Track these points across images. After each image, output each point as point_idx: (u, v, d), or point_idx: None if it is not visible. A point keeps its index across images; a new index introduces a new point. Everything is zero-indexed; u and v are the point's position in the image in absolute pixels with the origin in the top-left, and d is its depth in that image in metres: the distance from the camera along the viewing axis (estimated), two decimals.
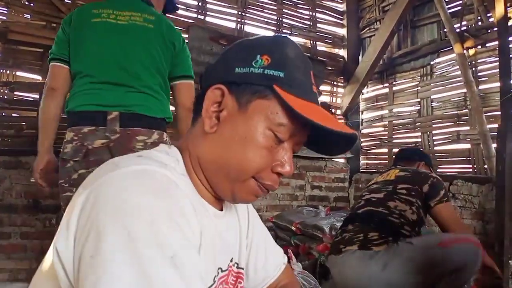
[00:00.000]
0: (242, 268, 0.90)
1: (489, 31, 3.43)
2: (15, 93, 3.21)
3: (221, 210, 0.83)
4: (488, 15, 3.42)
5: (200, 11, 4.00)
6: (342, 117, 4.81)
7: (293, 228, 3.44)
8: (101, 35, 1.80)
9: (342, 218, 3.35)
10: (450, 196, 2.13)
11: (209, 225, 0.74)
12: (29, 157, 3.00)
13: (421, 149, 3.23)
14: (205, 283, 0.69)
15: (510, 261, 2.79)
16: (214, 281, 0.74)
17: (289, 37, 0.80)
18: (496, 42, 3.20)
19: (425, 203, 2.13)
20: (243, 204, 0.99)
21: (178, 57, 1.99)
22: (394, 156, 2.76)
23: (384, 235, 1.95)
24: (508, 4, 3.11)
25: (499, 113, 3.04)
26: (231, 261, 0.85)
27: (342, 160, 4.73)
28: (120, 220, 0.53)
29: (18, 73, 3.26)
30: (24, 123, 3.16)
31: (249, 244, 0.97)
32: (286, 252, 2.57)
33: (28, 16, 3.20)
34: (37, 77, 3.29)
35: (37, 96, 3.24)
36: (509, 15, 3.13)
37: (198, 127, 0.78)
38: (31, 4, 3.19)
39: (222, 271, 0.78)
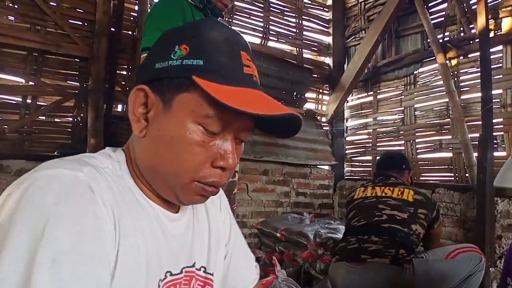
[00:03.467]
0: (211, 274, 0.85)
1: (471, 42, 3.50)
2: None
3: (177, 212, 0.80)
4: (470, 26, 3.49)
5: None
6: (327, 124, 4.85)
7: (278, 234, 3.44)
8: None
9: (326, 225, 3.37)
10: None
11: (153, 227, 0.72)
12: (11, 161, 2.94)
13: (403, 153, 3.31)
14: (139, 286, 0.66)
15: (490, 269, 2.83)
16: (159, 285, 0.71)
17: (214, 18, 0.76)
18: (478, 53, 3.28)
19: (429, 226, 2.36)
20: (224, 209, 0.97)
21: None
22: (379, 163, 2.73)
23: (410, 252, 2.07)
24: (490, 16, 3.19)
25: (481, 122, 3.10)
26: (193, 265, 0.81)
27: (327, 167, 4.75)
28: (19, 222, 0.54)
29: (1, 76, 3.21)
30: (6, 126, 3.09)
31: (229, 253, 0.94)
32: (270, 259, 2.56)
33: (12, 18, 3.15)
34: (20, 80, 3.24)
35: (20, 99, 3.20)
36: (490, 27, 3.21)
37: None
38: (16, 6, 3.14)
39: (171, 274, 0.74)
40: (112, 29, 3.48)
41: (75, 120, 3.43)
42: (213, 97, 0.62)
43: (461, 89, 3.61)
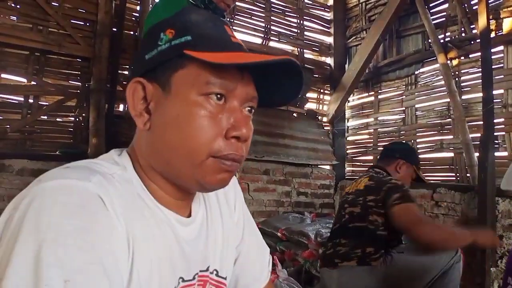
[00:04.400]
0: (224, 278, 0.83)
1: (472, 42, 3.50)
2: (0, 95, 3.17)
3: (189, 216, 0.77)
4: (472, 26, 3.49)
5: None
6: (328, 124, 4.85)
7: (279, 234, 3.44)
8: None
9: (327, 225, 3.38)
10: (410, 199, 2.00)
11: (165, 234, 0.69)
12: (13, 160, 2.95)
13: (407, 144, 3.34)
14: None
15: (491, 269, 2.84)
16: None
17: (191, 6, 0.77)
18: (479, 53, 3.27)
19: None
20: (239, 208, 0.94)
21: None
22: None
23: (379, 249, 2.01)
24: (491, 17, 3.19)
25: (482, 122, 3.10)
26: (207, 269, 0.79)
27: (328, 167, 4.75)
28: (24, 240, 0.50)
29: (3, 75, 3.22)
30: (8, 126, 3.11)
31: (242, 255, 0.93)
32: (271, 259, 2.57)
33: (15, 18, 3.16)
34: (22, 80, 3.25)
35: (22, 99, 3.21)
36: (491, 27, 3.21)
37: (136, 128, 0.73)
38: (18, 6, 3.15)
39: (183, 281, 0.71)
40: (114, 29, 3.50)
41: (77, 119, 3.44)
42: (208, 61, 0.62)
43: (462, 89, 3.61)
